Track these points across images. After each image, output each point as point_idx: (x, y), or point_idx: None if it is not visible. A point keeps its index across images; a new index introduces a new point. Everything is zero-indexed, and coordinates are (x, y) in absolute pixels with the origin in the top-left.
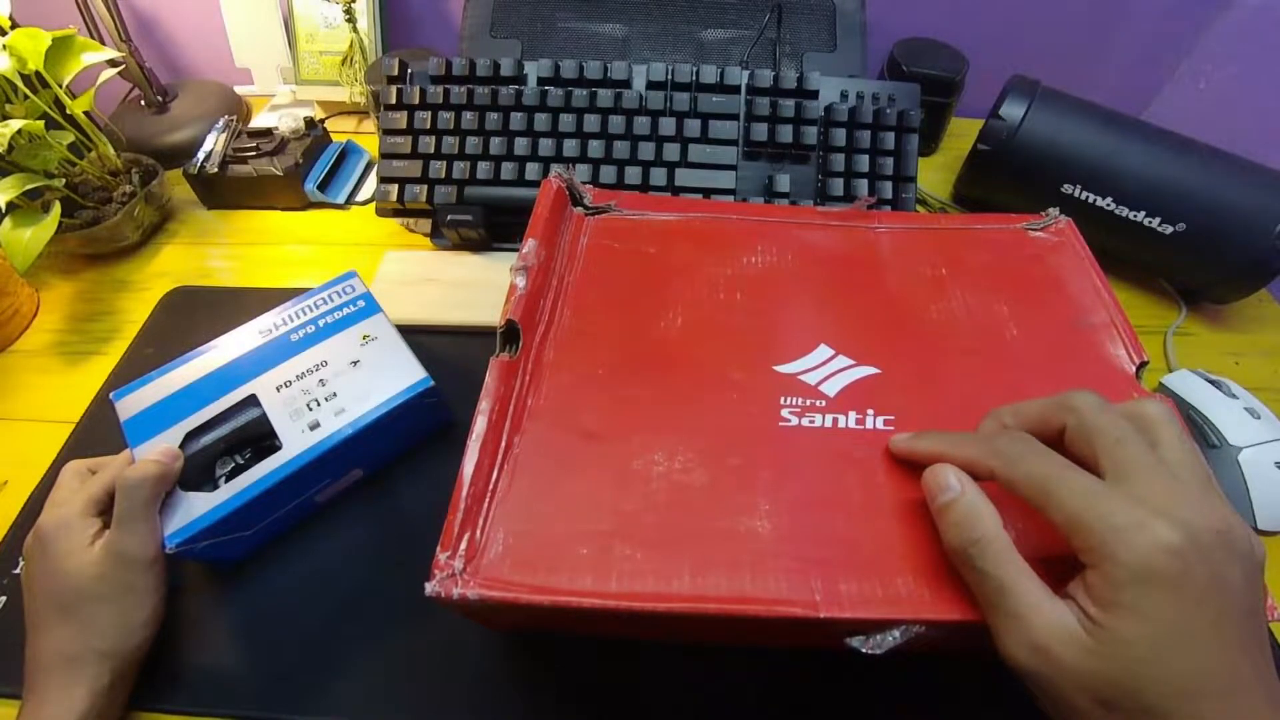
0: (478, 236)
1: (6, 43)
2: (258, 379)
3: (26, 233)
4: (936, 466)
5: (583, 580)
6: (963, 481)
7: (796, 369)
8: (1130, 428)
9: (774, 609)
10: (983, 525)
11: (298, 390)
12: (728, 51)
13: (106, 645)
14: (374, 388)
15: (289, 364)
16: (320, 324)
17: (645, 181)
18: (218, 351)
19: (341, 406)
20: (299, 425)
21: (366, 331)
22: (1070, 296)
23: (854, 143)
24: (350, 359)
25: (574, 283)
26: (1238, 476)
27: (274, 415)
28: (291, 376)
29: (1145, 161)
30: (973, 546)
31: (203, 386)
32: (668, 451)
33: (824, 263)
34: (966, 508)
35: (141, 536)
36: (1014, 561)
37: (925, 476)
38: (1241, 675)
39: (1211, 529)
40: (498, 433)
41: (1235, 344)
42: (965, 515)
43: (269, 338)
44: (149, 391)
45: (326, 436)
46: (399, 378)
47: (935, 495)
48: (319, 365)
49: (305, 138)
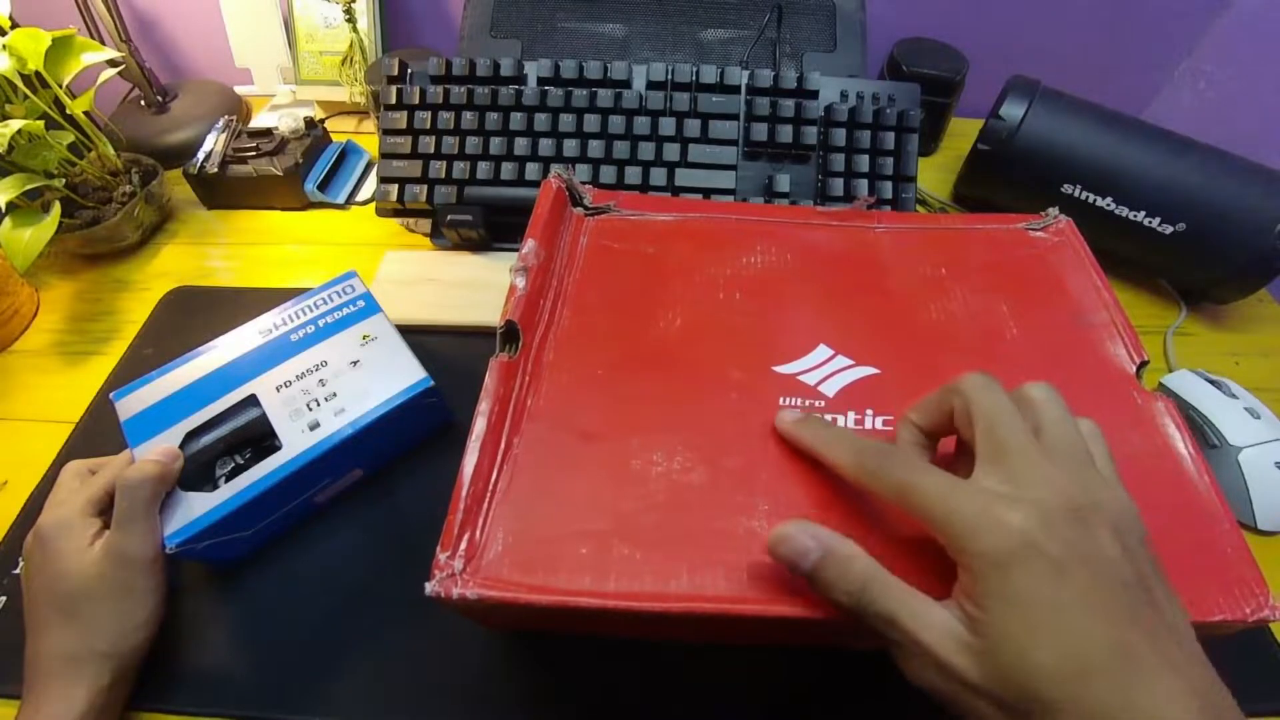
0: (478, 236)
1: (6, 43)
2: (257, 379)
3: (26, 233)
4: (781, 533)
5: (582, 580)
6: (816, 536)
7: (796, 369)
8: (1010, 409)
9: (772, 608)
10: (854, 571)
11: (298, 390)
12: (728, 51)
13: (106, 645)
14: (374, 388)
15: (289, 364)
16: (320, 324)
17: (645, 181)
18: (218, 351)
19: (341, 406)
20: (299, 425)
21: (366, 331)
22: (1070, 296)
23: (854, 143)
24: (350, 359)
25: (574, 283)
26: (1238, 476)
27: (274, 415)
28: (291, 376)
29: (1145, 161)
30: (862, 596)
31: (203, 386)
32: (667, 452)
33: (824, 263)
34: (835, 565)
35: (141, 537)
36: (894, 587)
37: (775, 546)
38: (1131, 646)
39: (1067, 504)
40: (497, 433)
41: (1235, 344)
42: (837, 572)
43: (269, 338)
44: (149, 391)
45: (326, 436)
46: (399, 378)
47: (797, 563)
48: (319, 365)
49: (305, 138)
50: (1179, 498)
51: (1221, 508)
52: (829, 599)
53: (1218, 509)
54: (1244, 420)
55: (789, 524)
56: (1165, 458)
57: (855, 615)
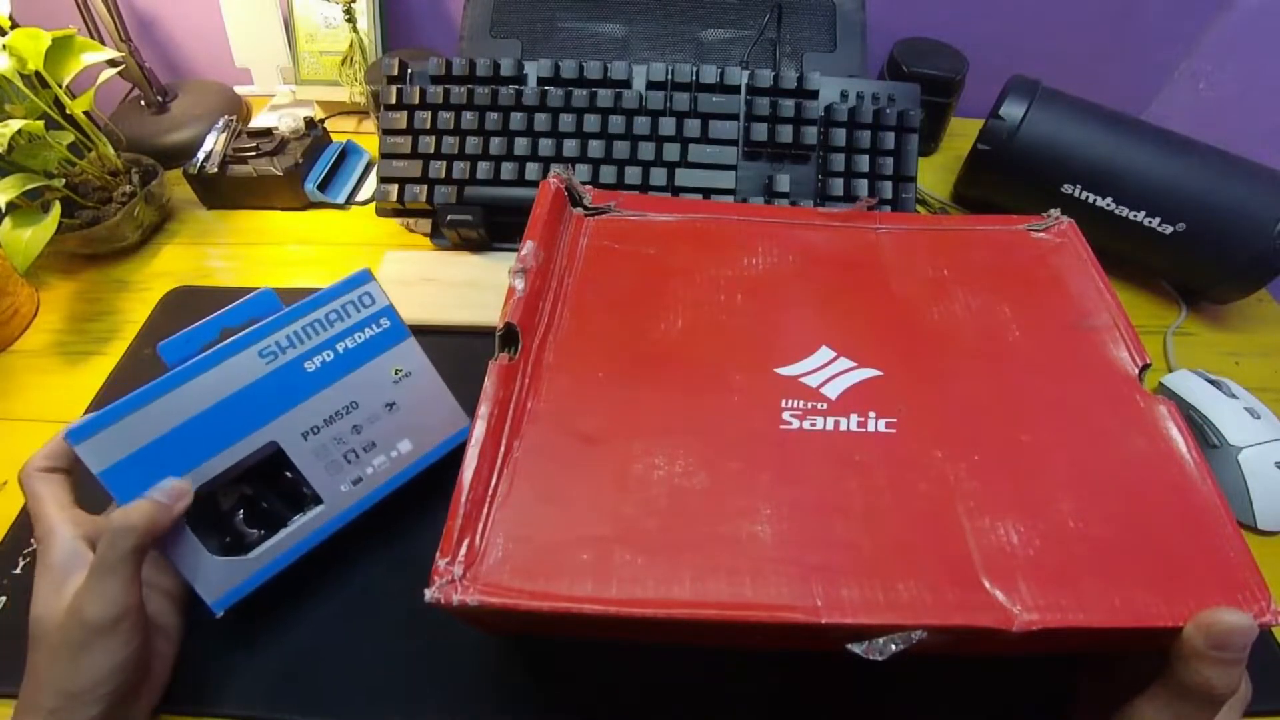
0: (478, 236)
1: (6, 43)
2: (276, 422)
3: (26, 233)
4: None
5: (583, 586)
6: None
7: (798, 371)
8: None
9: (775, 614)
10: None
11: (329, 439)
12: (728, 51)
13: (53, 703)
14: (417, 437)
15: (312, 404)
16: (340, 349)
17: (645, 181)
18: (211, 380)
19: (382, 459)
20: (339, 481)
21: (398, 365)
22: (1072, 298)
23: (854, 143)
24: (384, 400)
25: (573, 284)
26: (1238, 476)
27: (305, 467)
28: (319, 421)
29: (1145, 161)
30: None
31: (204, 426)
32: (668, 455)
33: (825, 264)
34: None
35: (109, 597)
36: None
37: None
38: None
39: None
40: (497, 437)
41: (1235, 344)
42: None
43: (276, 364)
44: (126, 431)
45: (371, 492)
46: (442, 424)
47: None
48: (349, 408)
49: (305, 138)
50: (1182, 502)
51: (1224, 513)
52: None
53: (1221, 514)
54: (1244, 420)
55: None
56: (1168, 462)
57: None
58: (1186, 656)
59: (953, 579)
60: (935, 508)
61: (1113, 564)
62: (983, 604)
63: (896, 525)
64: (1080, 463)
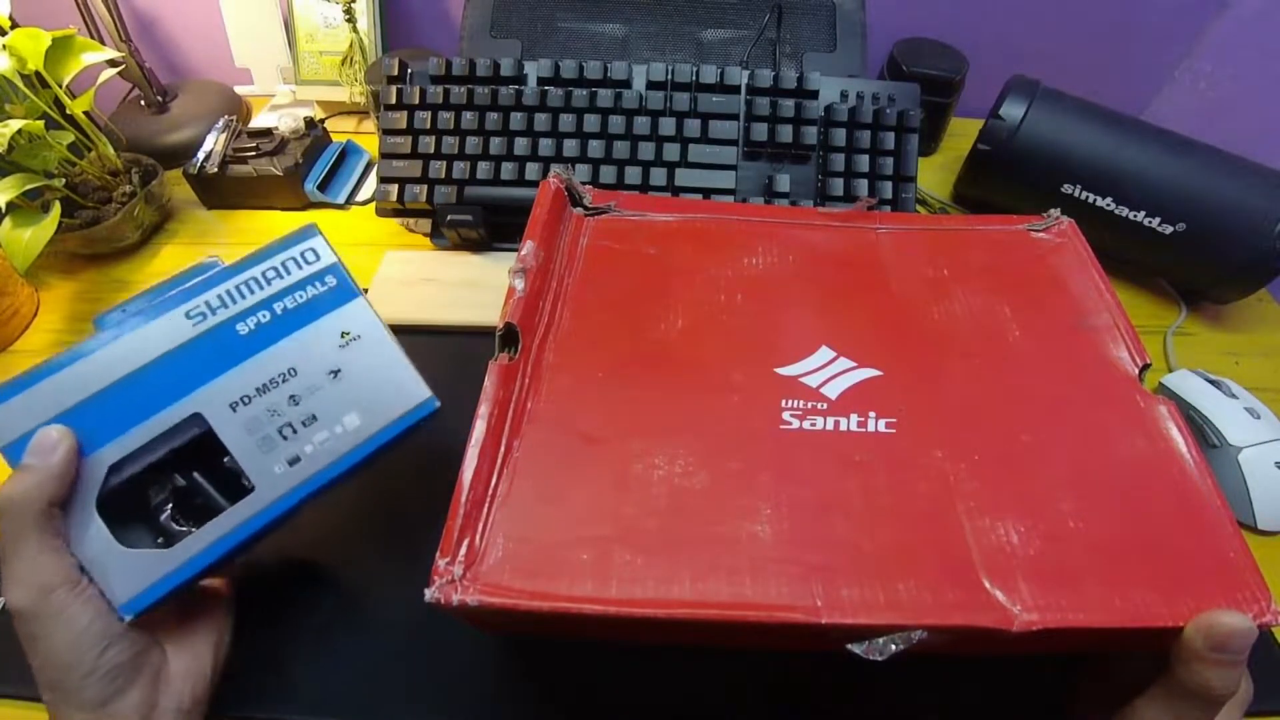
0: (478, 236)
1: (6, 43)
2: (201, 391)
3: (26, 233)
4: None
5: (583, 586)
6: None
7: (798, 371)
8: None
9: (775, 614)
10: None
11: (261, 410)
12: (728, 51)
13: (47, 697)
14: (366, 411)
15: (243, 371)
16: (278, 310)
17: (645, 181)
18: (128, 344)
19: (324, 435)
20: (273, 460)
21: (346, 328)
22: (1072, 298)
23: (854, 143)
24: (328, 367)
25: (573, 284)
26: (1238, 476)
27: (234, 444)
28: (250, 390)
29: (1145, 161)
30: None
31: (118, 398)
32: (668, 455)
33: (825, 264)
34: None
35: (20, 579)
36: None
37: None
38: None
39: None
40: (497, 437)
41: (1235, 344)
42: None
43: (205, 326)
44: (30, 403)
45: (311, 476)
46: (396, 396)
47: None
48: (285, 375)
49: (305, 138)
50: (1182, 502)
51: (1225, 513)
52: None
53: (1221, 515)
54: (1244, 420)
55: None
56: (1168, 462)
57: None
58: (1186, 658)
59: (953, 579)
60: (935, 508)
61: (1113, 564)
62: (983, 604)
63: (896, 525)
64: (1080, 463)
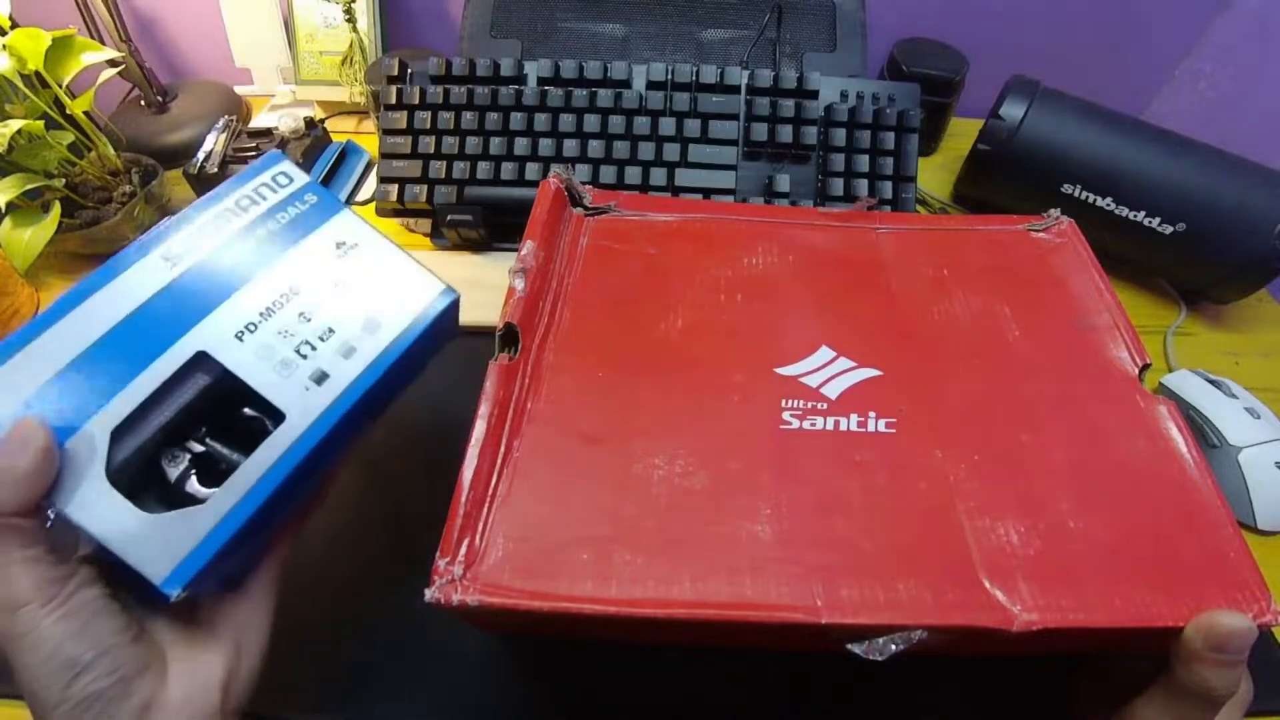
0: (478, 236)
1: (6, 43)
2: (198, 328)
3: (26, 233)
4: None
5: (583, 586)
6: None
7: (798, 371)
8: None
9: (775, 614)
10: None
11: (271, 334)
12: (728, 51)
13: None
14: (382, 312)
15: (240, 299)
16: (262, 234)
17: (645, 181)
18: (107, 298)
19: (348, 344)
20: (297, 381)
21: (339, 238)
22: (1072, 298)
23: (854, 143)
24: (330, 279)
25: (573, 284)
26: (1238, 476)
27: (249, 375)
28: (254, 317)
29: (1145, 161)
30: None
31: (105, 357)
32: (668, 455)
33: (825, 264)
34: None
35: (12, 582)
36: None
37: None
38: None
39: None
40: (497, 437)
41: (1235, 344)
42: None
43: (183, 268)
44: (17, 371)
45: (346, 389)
46: (412, 292)
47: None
48: (287, 295)
49: (305, 138)
50: (1182, 502)
51: (1225, 513)
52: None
53: (1221, 515)
54: (1244, 420)
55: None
56: (1168, 462)
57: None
58: (1186, 658)
59: (953, 579)
60: (935, 507)
61: (1113, 564)
62: (983, 604)
63: (897, 525)
64: (1080, 463)
